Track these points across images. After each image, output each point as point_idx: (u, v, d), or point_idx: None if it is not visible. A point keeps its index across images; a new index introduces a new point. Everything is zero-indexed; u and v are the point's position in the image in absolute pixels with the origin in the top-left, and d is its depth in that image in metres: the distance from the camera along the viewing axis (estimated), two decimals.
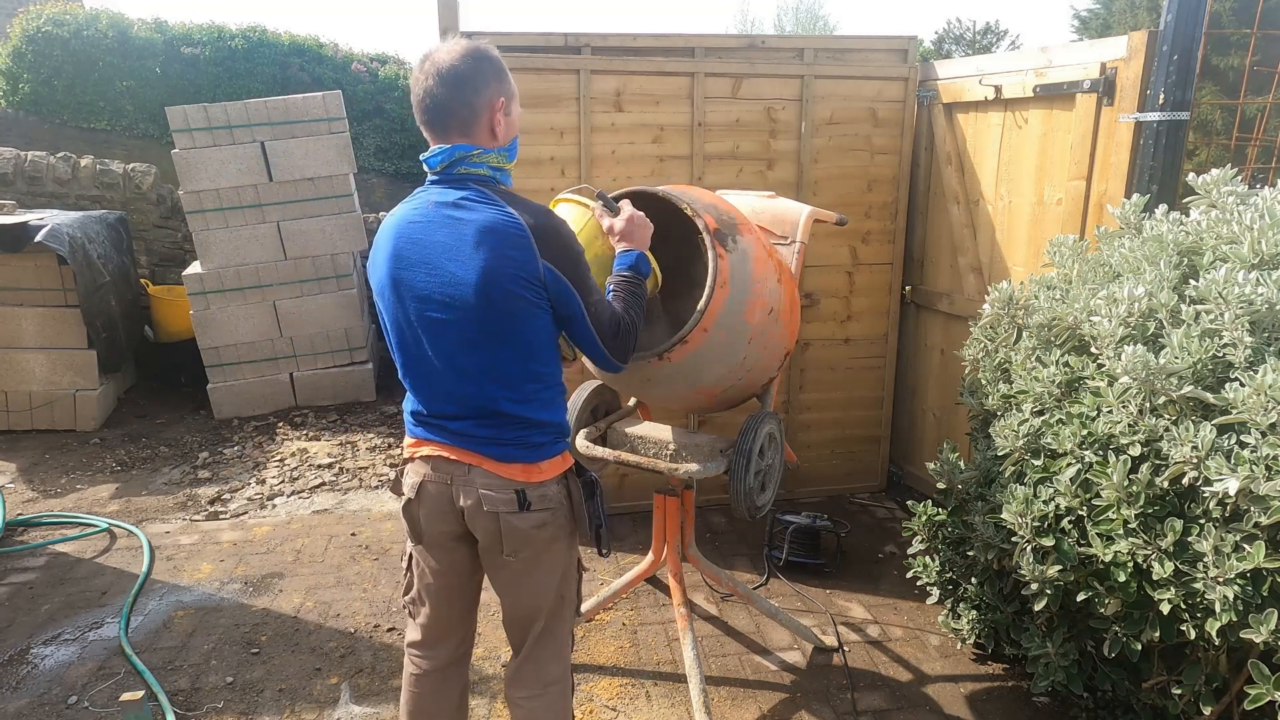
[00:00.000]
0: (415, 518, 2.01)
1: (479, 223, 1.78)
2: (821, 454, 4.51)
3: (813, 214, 2.99)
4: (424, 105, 1.84)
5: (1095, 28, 15.41)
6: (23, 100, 8.46)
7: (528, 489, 1.91)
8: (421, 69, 1.83)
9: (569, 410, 2.96)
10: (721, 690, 2.99)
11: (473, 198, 1.82)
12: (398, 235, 1.86)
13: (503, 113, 1.88)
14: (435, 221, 1.82)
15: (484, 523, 1.93)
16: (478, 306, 1.78)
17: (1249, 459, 1.95)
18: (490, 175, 1.88)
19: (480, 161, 1.86)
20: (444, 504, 1.95)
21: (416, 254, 1.82)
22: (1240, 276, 2.15)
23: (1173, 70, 2.90)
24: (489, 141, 1.87)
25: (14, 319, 5.42)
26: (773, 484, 2.80)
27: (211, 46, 8.63)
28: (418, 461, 1.98)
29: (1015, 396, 2.67)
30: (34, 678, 3.05)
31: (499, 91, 1.87)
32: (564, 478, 2.00)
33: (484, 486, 1.90)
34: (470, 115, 1.83)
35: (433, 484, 1.95)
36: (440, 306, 1.81)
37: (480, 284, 1.76)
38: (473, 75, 1.82)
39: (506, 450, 1.90)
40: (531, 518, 1.92)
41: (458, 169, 1.85)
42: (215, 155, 5.69)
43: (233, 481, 4.83)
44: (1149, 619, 2.20)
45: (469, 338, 1.82)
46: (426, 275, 1.81)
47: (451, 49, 1.83)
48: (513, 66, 3.75)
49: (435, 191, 1.86)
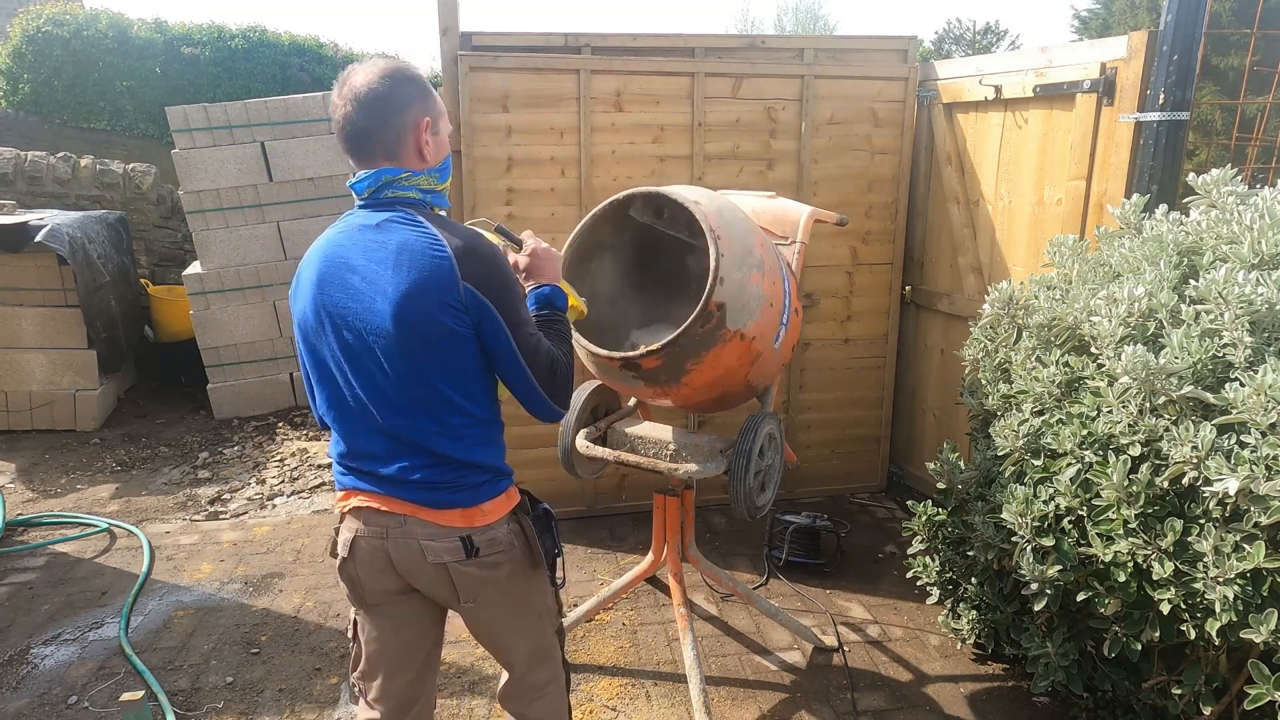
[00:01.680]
0: (354, 578, 1.85)
1: (396, 243, 1.67)
2: (821, 454, 4.51)
3: (813, 214, 2.99)
4: (345, 132, 1.72)
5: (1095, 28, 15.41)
6: (23, 100, 8.47)
7: (473, 534, 1.78)
8: (339, 94, 1.71)
9: (569, 410, 2.96)
10: (721, 690, 2.99)
11: (396, 219, 1.71)
12: (322, 261, 1.75)
13: (429, 132, 1.75)
14: (358, 246, 1.71)
15: (431, 575, 1.80)
16: (398, 332, 1.66)
17: (1249, 459, 1.95)
18: (419, 199, 1.76)
19: (409, 184, 1.74)
20: (380, 560, 1.81)
21: (338, 279, 1.71)
22: (1240, 276, 2.15)
23: (1173, 70, 2.90)
24: (417, 164, 1.75)
25: (14, 319, 5.42)
26: (773, 484, 2.80)
27: (211, 46, 8.63)
28: (348, 516, 1.83)
29: (1015, 396, 2.67)
30: (34, 678, 3.05)
31: (423, 111, 1.74)
32: (512, 516, 1.87)
33: (424, 537, 1.77)
34: (394, 138, 1.72)
35: (365, 540, 1.80)
36: (362, 334, 1.69)
37: (398, 308, 1.64)
38: (392, 96, 1.70)
39: (441, 495, 1.76)
40: (483, 562, 1.80)
41: (385, 193, 1.74)
42: (215, 155, 5.69)
43: (233, 481, 4.83)
44: (1149, 619, 2.20)
45: (392, 367, 1.69)
46: (348, 301, 1.70)
47: (369, 70, 1.71)
48: (513, 66, 3.81)
49: (360, 215, 1.76)
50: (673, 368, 2.48)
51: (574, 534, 4.12)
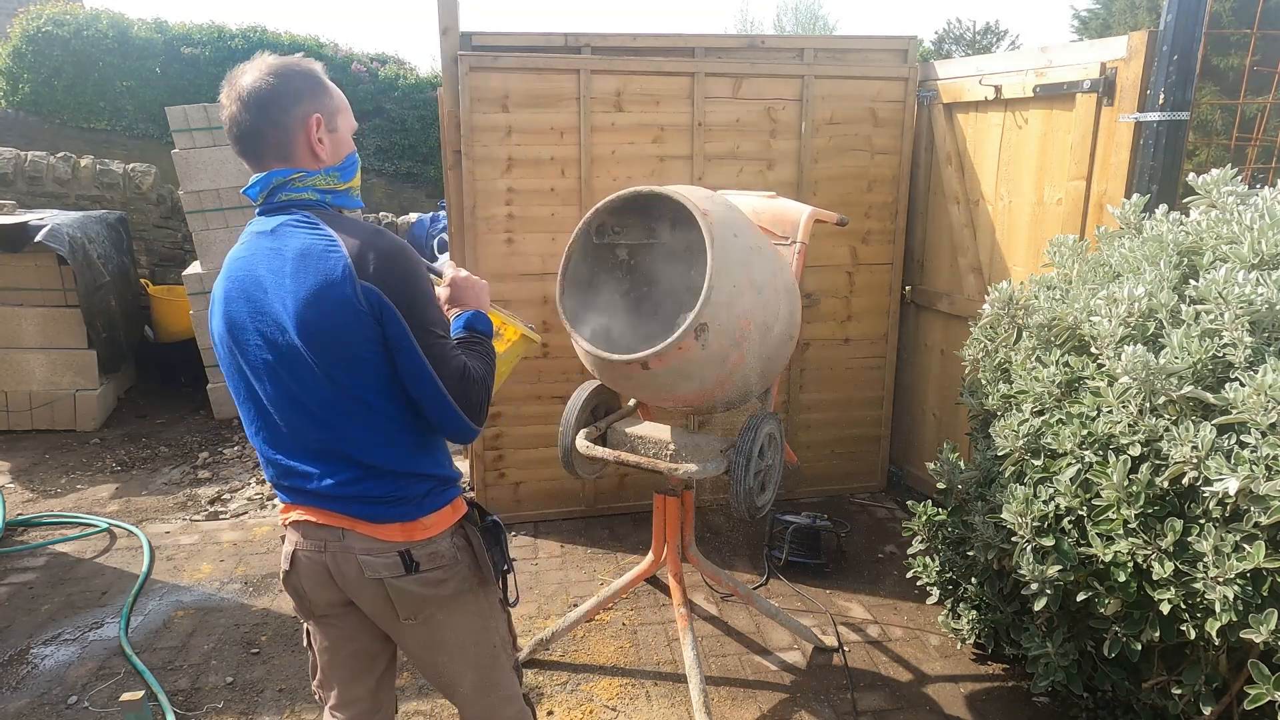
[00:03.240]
0: (298, 590, 1.80)
1: (293, 249, 1.60)
2: (821, 454, 4.52)
3: (813, 214, 2.99)
4: (233, 134, 1.64)
5: (1095, 28, 15.41)
6: (23, 100, 8.47)
7: (413, 549, 1.70)
8: (226, 94, 1.64)
9: (568, 410, 2.96)
10: (721, 690, 2.99)
11: (290, 223, 1.63)
12: (226, 276, 1.68)
13: (323, 130, 1.66)
14: (257, 254, 1.64)
15: (368, 590, 1.73)
16: (305, 343, 1.58)
17: (1249, 459, 1.94)
18: (317, 200, 1.67)
19: (304, 185, 1.66)
20: (320, 573, 1.75)
21: (241, 293, 1.65)
22: (1240, 276, 2.15)
23: (1173, 70, 2.90)
24: (311, 163, 1.66)
25: (14, 319, 5.42)
26: (773, 484, 2.80)
27: (211, 46, 8.63)
28: (289, 529, 1.78)
29: (1015, 396, 2.67)
30: (34, 678, 3.05)
31: (313, 108, 1.65)
32: (459, 528, 1.78)
33: (361, 551, 1.70)
34: (283, 137, 1.63)
35: (305, 553, 1.75)
36: (272, 348, 1.62)
37: (300, 317, 1.57)
38: (278, 94, 1.62)
39: (377, 509, 1.69)
40: (424, 578, 1.72)
41: (279, 196, 1.66)
42: (215, 155, 5.69)
43: (233, 481, 4.83)
44: (1149, 619, 2.20)
45: (308, 379, 1.61)
46: (252, 314, 1.63)
47: (255, 68, 1.63)
48: (513, 66, 3.81)
49: (257, 222, 1.69)
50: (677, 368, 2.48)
51: (574, 534, 4.12)
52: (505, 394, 4.03)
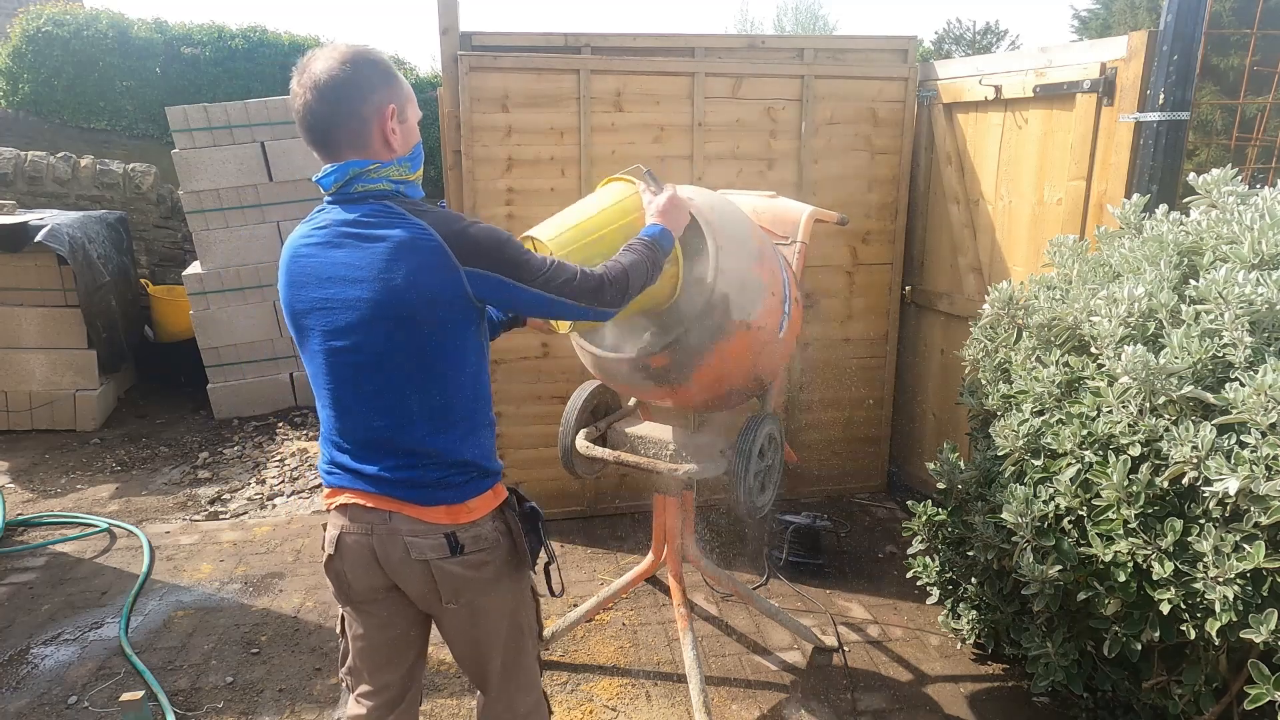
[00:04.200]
0: (340, 574, 1.84)
1: (390, 241, 1.62)
2: (821, 454, 4.51)
3: (814, 214, 2.98)
4: (306, 123, 1.65)
5: (1095, 28, 15.41)
6: (23, 100, 8.47)
7: (458, 531, 1.75)
8: (299, 82, 1.63)
9: (568, 410, 2.96)
10: (721, 690, 2.99)
11: (375, 213, 1.65)
12: (295, 260, 1.72)
13: (396, 120, 1.68)
14: (335, 243, 1.66)
15: (414, 572, 1.77)
16: (396, 330, 1.63)
17: (1249, 459, 1.94)
18: (392, 189, 1.69)
19: (379, 176, 1.67)
20: (366, 556, 1.79)
21: (317, 278, 1.68)
22: (1240, 276, 2.15)
23: (1173, 70, 2.90)
24: (385, 154, 1.68)
25: (14, 319, 5.42)
26: (773, 484, 2.80)
27: (211, 46, 8.63)
28: (334, 513, 1.82)
29: (1015, 396, 2.67)
30: (34, 678, 3.05)
31: (388, 97, 1.66)
32: (499, 512, 1.84)
33: (409, 533, 1.74)
34: (359, 127, 1.64)
35: (351, 536, 1.79)
36: (347, 333, 1.66)
37: (392, 305, 1.61)
38: (355, 83, 1.62)
39: (427, 493, 1.74)
40: (467, 560, 1.77)
41: (355, 187, 1.67)
42: (215, 155, 5.69)
43: (233, 481, 4.83)
44: (1149, 619, 2.20)
45: (383, 366, 1.66)
46: (330, 300, 1.66)
47: (328, 56, 1.63)
48: (513, 66, 3.81)
49: (334, 211, 1.69)
50: (681, 365, 2.48)
51: (574, 534, 4.12)
52: (505, 394, 4.04)
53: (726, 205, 2.59)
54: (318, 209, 1.75)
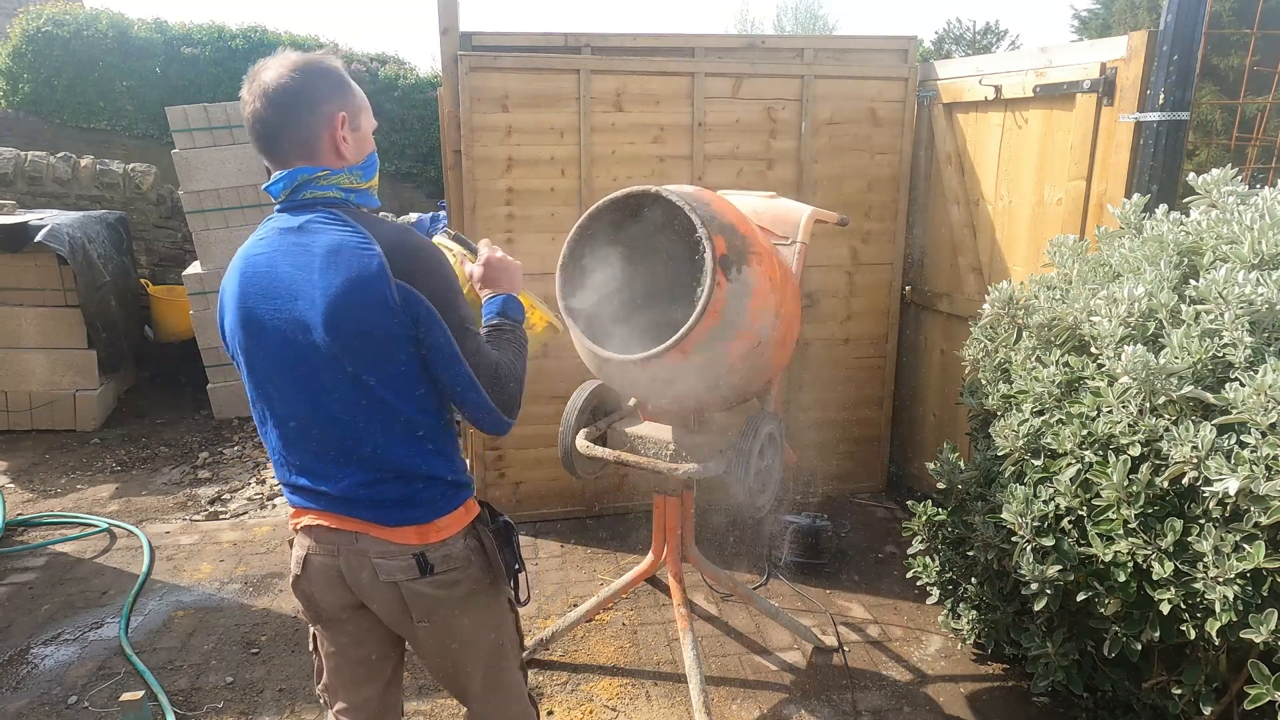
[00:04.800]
0: (308, 595, 1.79)
1: (324, 245, 1.58)
2: (821, 454, 4.51)
3: (814, 214, 2.98)
4: (255, 130, 1.63)
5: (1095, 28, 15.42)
6: (23, 100, 8.46)
7: (427, 551, 1.70)
8: (249, 90, 1.61)
9: (568, 410, 2.96)
10: (721, 690, 2.99)
11: (318, 220, 1.62)
12: (243, 272, 1.65)
13: (346, 128, 1.65)
14: (280, 251, 1.62)
15: (382, 593, 1.72)
16: (332, 339, 1.57)
17: (1249, 459, 1.94)
18: (341, 198, 1.65)
19: (329, 183, 1.64)
20: (333, 577, 1.74)
21: (261, 289, 1.62)
22: (1240, 276, 2.15)
23: (1173, 70, 2.90)
24: (335, 161, 1.65)
25: (14, 319, 5.42)
26: (773, 484, 2.80)
27: (211, 46, 8.63)
28: (300, 534, 1.77)
29: (1015, 396, 2.67)
30: (34, 678, 3.05)
31: (339, 106, 1.64)
32: (471, 529, 1.78)
33: (376, 555, 1.69)
34: (308, 135, 1.62)
35: (318, 557, 1.74)
36: (294, 345, 1.60)
37: (330, 313, 1.55)
38: (304, 91, 1.60)
39: (393, 512, 1.68)
40: (438, 580, 1.72)
41: (303, 194, 1.63)
42: (215, 155, 5.69)
43: (233, 481, 4.83)
44: (1149, 619, 2.20)
45: (331, 377, 1.60)
46: (274, 311, 1.61)
47: (280, 64, 1.61)
48: (513, 66, 3.81)
49: (279, 219, 1.66)
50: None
51: (574, 534, 4.12)
52: None
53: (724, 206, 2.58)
54: (266, 219, 1.71)
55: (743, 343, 2.49)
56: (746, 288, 2.43)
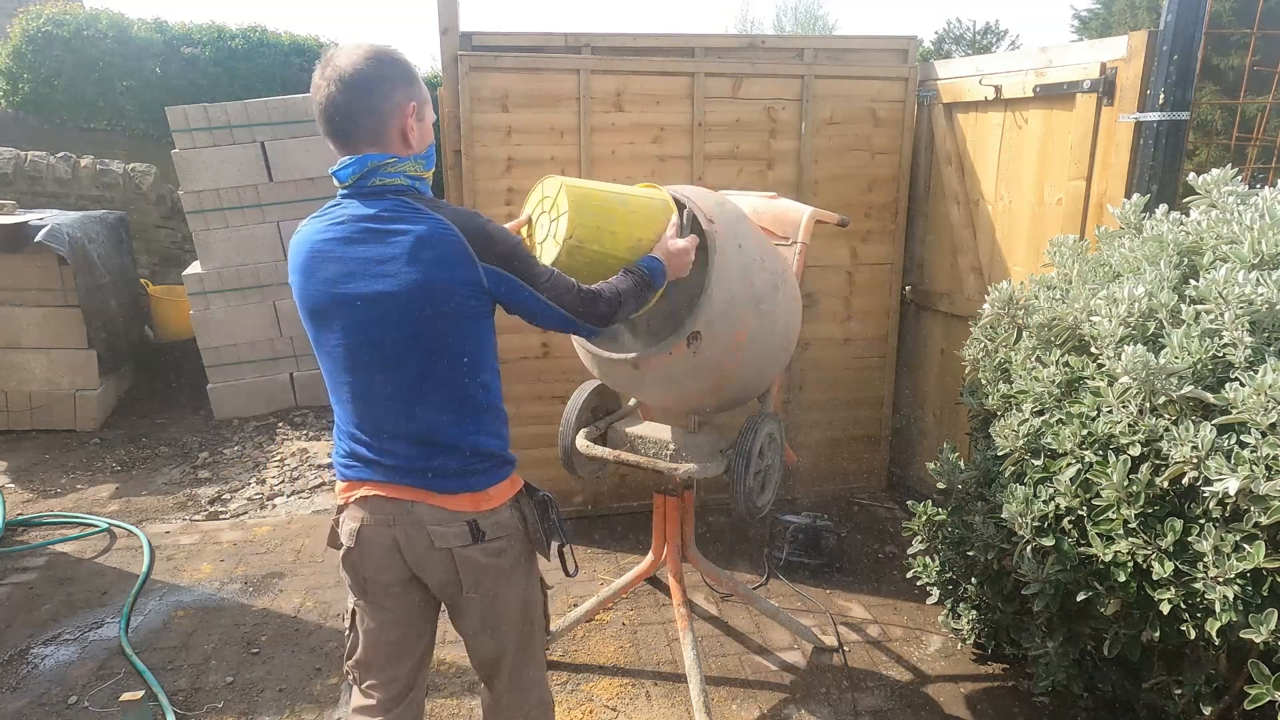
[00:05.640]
0: (357, 568, 1.86)
1: (413, 235, 1.66)
2: (821, 454, 4.51)
3: (814, 215, 2.98)
4: (327, 115, 1.69)
5: (1095, 28, 15.41)
6: (23, 100, 8.46)
7: (479, 519, 1.80)
8: (322, 75, 1.68)
9: (568, 410, 2.96)
10: (721, 690, 2.99)
11: (395, 208, 1.69)
12: (312, 254, 1.73)
13: (415, 118, 1.73)
14: (356, 236, 1.70)
15: (436, 561, 1.80)
16: (416, 323, 1.68)
17: (1249, 459, 1.94)
18: (409, 185, 1.73)
19: (396, 171, 1.71)
20: (387, 548, 1.81)
21: (337, 273, 1.70)
22: (1240, 276, 2.15)
23: (1173, 70, 2.90)
24: (402, 150, 1.73)
25: (14, 319, 5.42)
26: (773, 484, 2.80)
27: (211, 46, 8.62)
28: (352, 506, 1.83)
29: (1015, 396, 2.67)
30: (34, 677, 3.05)
31: (409, 95, 1.72)
32: (515, 501, 1.90)
33: (432, 522, 1.78)
34: (379, 123, 1.69)
35: (372, 528, 1.81)
36: (370, 326, 1.70)
37: (418, 297, 1.66)
38: (379, 79, 1.68)
39: (450, 481, 1.78)
40: (488, 547, 1.81)
41: (372, 180, 1.71)
42: (215, 155, 5.69)
43: (233, 481, 4.83)
44: (1149, 619, 2.20)
45: (408, 358, 1.71)
46: (354, 294, 1.69)
47: (353, 52, 1.68)
48: (513, 66, 3.81)
49: (351, 206, 1.73)
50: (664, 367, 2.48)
51: (574, 534, 4.11)
52: (505, 394, 3.99)
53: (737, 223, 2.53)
54: (332, 203, 1.77)
55: (739, 350, 2.49)
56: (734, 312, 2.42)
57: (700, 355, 2.40)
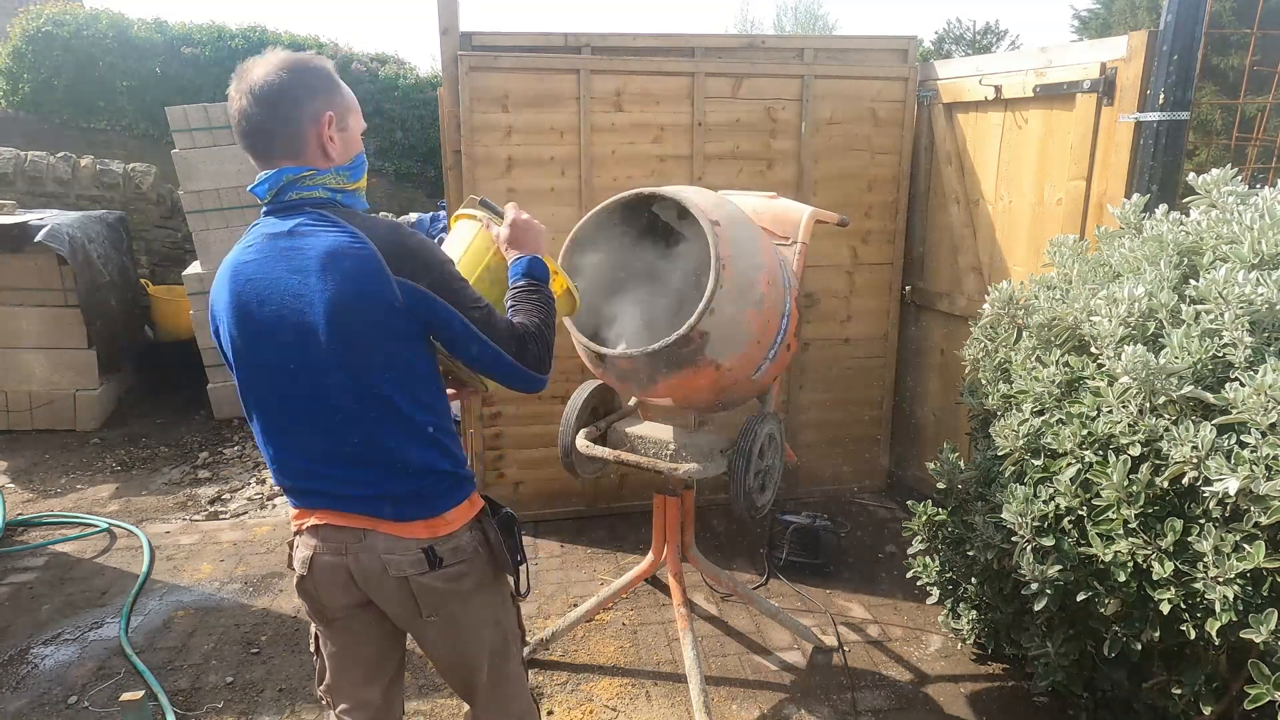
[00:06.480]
0: (313, 595, 1.78)
1: (319, 249, 1.56)
2: (821, 454, 4.51)
3: (814, 215, 2.98)
4: (241, 129, 1.61)
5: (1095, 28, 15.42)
6: (23, 100, 8.46)
7: (436, 545, 1.71)
8: (236, 88, 1.60)
9: (568, 410, 2.96)
10: (721, 690, 2.99)
11: (308, 223, 1.60)
12: (234, 279, 1.63)
13: (334, 128, 1.64)
14: (272, 257, 1.60)
15: (391, 589, 1.72)
16: (335, 343, 1.57)
17: (1249, 459, 1.94)
18: (328, 198, 1.64)
19: (315, 184, 1.63)
20: (341, 576, 1.74)
21: (256, 295, 1.60)
22: (1240, 276, 2.15)
23: (1173, 70, 2.90)
24: (322, 162, 1.64)
25: (14, 319, 5.42)
26: (773, 484, 2.80)
27: (211, 46, 8.63)
28: (305, 534, 1.75)
29: (1015, 396, 2.67)
30: (34, 677, 3.05)
31: (325, 105, 1.63)
32: (476, 522, 1.79)
33: (385, 551, 1.69)
34: (294, 134, 1.61)
35: (324, 557, 1.73)
36: (295, 350, 1.59)
37: (332, 317, 1.55)
38: (290, 89, 1.59)
39: (402, 509, 1.69)
40: (446, 573, 1.73)
41: (289, 195, 1.62)
42: (215, 155, 5.69)
43: (233, 481, 4.83)
44: (1149, 619, 2.20)
45: (335, 381, 1.60)
46: (271, 317, 1.59)
47: (267, 62, 1.60)
48: (513, 66, 3.81)
49: (267, 223, 1.64)
50: (644, 373, 2.49)
51: (574, 534, 4.12)
52: (505, 394, 4.02)
53: (738, 225, 2.55)
54: (254, 223, 1.69)
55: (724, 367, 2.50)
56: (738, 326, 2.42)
57: (703, 354, 2.41)
